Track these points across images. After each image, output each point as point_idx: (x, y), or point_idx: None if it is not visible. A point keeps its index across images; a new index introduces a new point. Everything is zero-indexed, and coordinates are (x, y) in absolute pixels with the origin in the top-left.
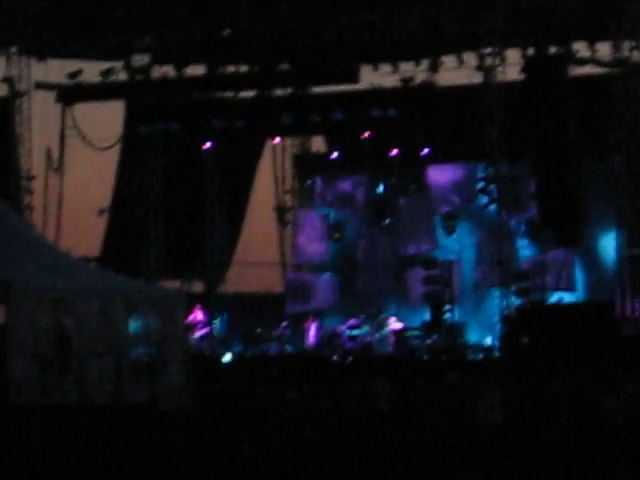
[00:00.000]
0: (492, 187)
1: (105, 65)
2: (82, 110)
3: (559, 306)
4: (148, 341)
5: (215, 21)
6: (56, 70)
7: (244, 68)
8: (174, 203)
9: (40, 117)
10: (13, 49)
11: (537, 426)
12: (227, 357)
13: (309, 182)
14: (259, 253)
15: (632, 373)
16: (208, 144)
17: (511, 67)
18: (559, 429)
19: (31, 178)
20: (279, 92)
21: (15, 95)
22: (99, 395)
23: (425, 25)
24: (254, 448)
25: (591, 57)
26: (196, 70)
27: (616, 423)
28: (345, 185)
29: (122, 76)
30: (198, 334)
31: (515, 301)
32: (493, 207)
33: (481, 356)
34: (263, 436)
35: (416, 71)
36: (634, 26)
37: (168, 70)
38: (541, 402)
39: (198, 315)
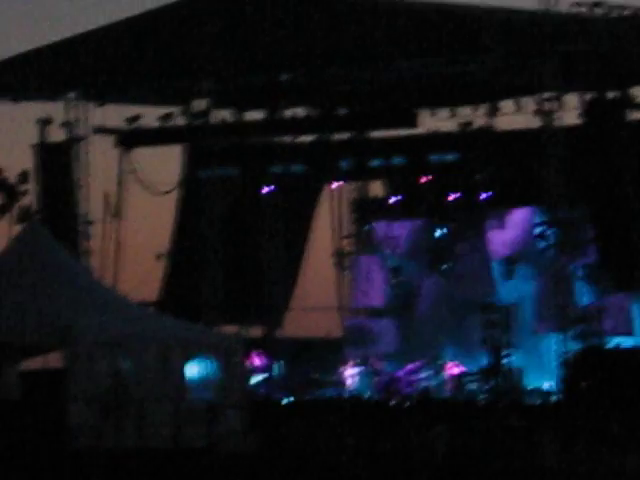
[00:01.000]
0: (551, 231)
1: (164, 110)
2: (141, 155)
3: (619, 350)
4: (206, 386)
5: (274, 65)
6: (115, 115)
7: (303, 112)
8: (233, 248)
9: (99, 162)
10: (72, 94)
11: (596, 470)
12: (286, 402)
13: (367, 227)
14: (317, 298)
15: None
16: (267, 189)
17: (569, 112)
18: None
19: (90, 223)
20: (338, 136)
21: (74, 140)
22: (157, 440)
23: (483, 69)
24: None
25: None
26: (255, 114)
27: None
28: (404, 230)
29: (181, 121)
30: (256, 379)
31: (573, 346)
32: (552, 252)
33: (540, 401)
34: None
35: (474, 116)
36: None
37: (227, 114)
38: (600, 446)
39: (256, 360)
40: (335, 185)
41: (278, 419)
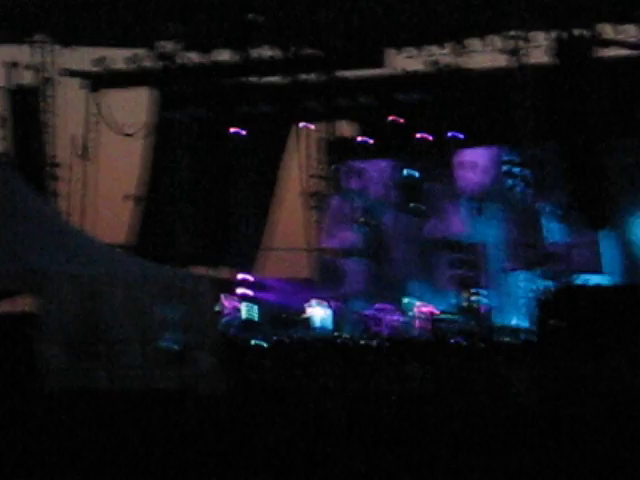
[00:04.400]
0: (519, 170)
1: (131, 52)
2: (108, 97)
3: (589, 288)
4: (176, 328)
5: (241, 6)
6: (82, 57)
7: (271, 53)
8: (202, 189)
9: (67, 105)
10: (38, 36)
11: (571, 408)
12: (255, 342)
13: (336, 167)
14: (287, 239)
15: None
16: (235, 129)
17: (537, 50)
18: (592, 411)
19: (57, 165)
20: (306, 77)
21: (42, 82)
22: (128, 382)
23: (450, 7)
24: (285, 433)
25: (617, 39)
26: (223, 55)
27: None
28: (373, 170)
29: (148, 62)
30: (225, 319)
31: (543, 284)
32: (521, 190)
33: (509, 339)
34: (294, 421)
35: (442, 55)
36: None
37: (195, 56)
38: (575, 384)
39: (225, 301)
40: (304, 125)
41: (248, 360)
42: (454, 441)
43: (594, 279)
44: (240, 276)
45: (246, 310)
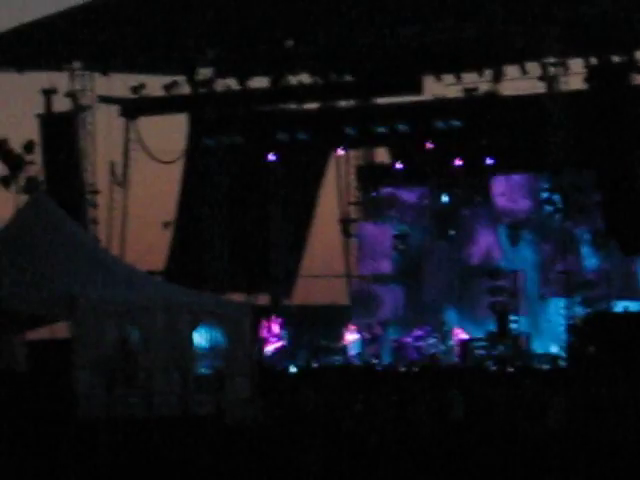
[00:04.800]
0: (556, 197)
1: (168, 79)
2: (146, 124)
3: (625, 315)
4: (214, 354)
5: (278, 33)
6: (119, 84)
7: (307, 80)
8: (239, 216)
9: (104, 131)
10: (76, 64)
11: (602, 433)
12: (293, 369)
13: (373, 194)
14: (324, 265)
15: None
16: (272, 156)
17: (574, 77)
18: (624, 436)
19: (95, 192)
20: (343, 104)
21: (79, 109)
22: (165, 409)
23: (487, 35)
24: (321, 459)
25: None
26: (259, 82)
27: None
28: (409, 196)
29: (185, 89)
30: (272, 347)
31: (580, 310)
32: (557, 217)
33: (548, 366)
34: (330, 448)
35: (479, 82)
36: None
37: (231, 83)
38: (606, 410)
39: (271, 328)
40: (340, 152)
41: (285, 387)
42: (489, 466)
43: (632, 306)
44: (274, 302)
45: (287, 336)
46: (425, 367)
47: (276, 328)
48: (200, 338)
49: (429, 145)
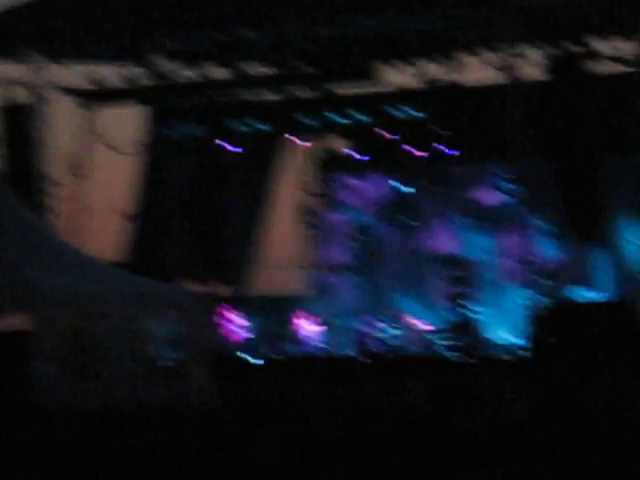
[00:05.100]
0: (516, 187)
1: (125, 69)
2: (102, 114)
3: (585, 305)
4: (173, 344)
5: (235, 22)
6: (79, 76)
7: (266, 70)
8: (198, 206)
9: (63, 123)
10: (35, 55)
11: (562, 424)
12: (252, 359)
13: (332, 184)
14: (280, 254)
15: None
16: (231, 147)
17: (530, 66)
18: (584, 428)
19: (54, 183)
20: (302, 93)
21: (38, 101)
22: (123, 399)
23: (443, 22)
24: (279, 450)
25: (611, 55)
26: (215, 72)
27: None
28: (368, 186)
29: (144, 80)
30: (232, 337)
31: (538, 300)
32: (516, 206)
33: (507, 356)
34: (285, 437)
35: (439, 72)
36: None
37: (188, 72)
38: (566, 400)
39: (233, 318)
40: (298, 142)
41: (245, 377)
42: (447, 456)
43: (589, 295)
44: (233, 292)
45: (245, 327)
46: (384, 357)
47: (236, 318)
48: (159, 328)
49: (389, 135)
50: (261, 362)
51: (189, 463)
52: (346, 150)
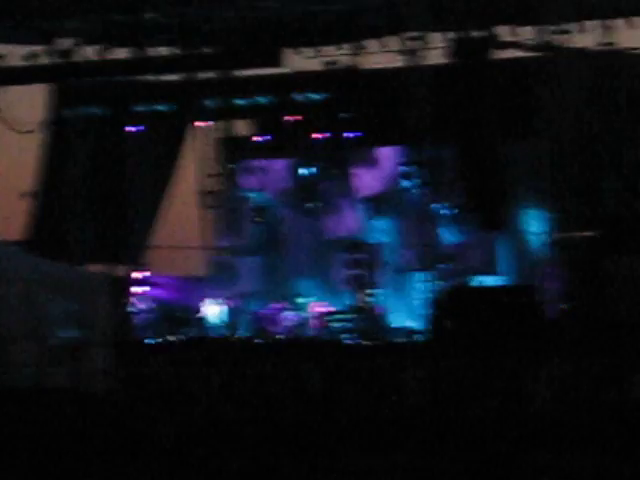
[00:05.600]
0: (415, 170)
1: (28, 49)
2: (5, 94)
3: (482, 289)
4: (71, 325)
5: (138, 3)
6: None
7: (168, 51)
8: (98, 187)
9: None
10: None
11: (460, 408)
12: (150, 341)
13: (233, 166)
14: (183, 237)
15: (554, 358)
16: (132, 127)
17: (434, 51)
18: (481, 411)
19: None
20: (203, 75)
21: None
22: (20, 380)
23: (348, 8)
24: (177, 432)
25: (514, 40)
26: (120, 53)
27: (537, 407)
28: (269, 169)
29: (45, 59)
30: (131, 318)
31: (438, 285)
32: (416, 191)
33: (404, 340)
34: (187, 421)
35: (340, 55)
36: (557, 9)
37: (92, 53)
38: (464, 384)
39: (134, 299)
40: (200, 124)
41: (143, 359)
42: (343, 441)
43: (488, 280)
44: (134, 274)
45: (144, 308)
46: (282, 340)
47: (136, 299)
48: (56, 309)
49: (289, 118)
50: (160, 343)
51: (86, 443)
52: (248, 132)
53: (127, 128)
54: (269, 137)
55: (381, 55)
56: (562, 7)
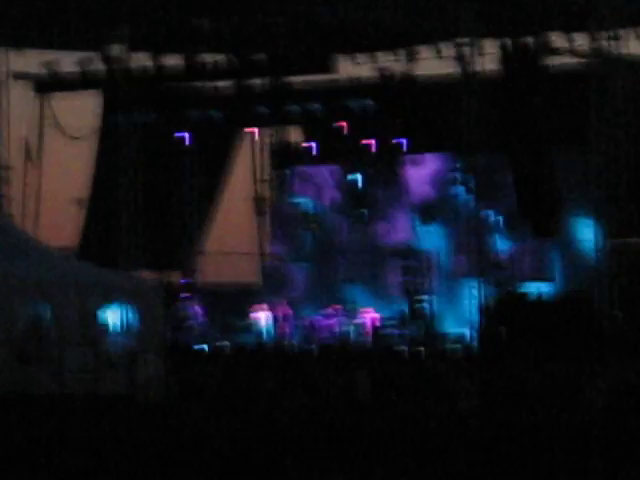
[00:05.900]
0: (465, 178)
1: (80, 55)
2: (57, 100)
3: (537, 297)
4: (125, 332)
5: (192, 10)
6: (31, 60)
7: (220, 58)
8: (150, 194)
9: (17, 108)
10: None
11: (512, 416)
12: (204, 348)
13: (285, 172)
14: (233, 244)
15: (610, 366)
16: (184, 134)
17: (486, 58)
18: (535, 419)
19: (8, 169)
20: (255, 82)
21: None
22: (76, 386)
23: (400, 14)
24: (229, 440)
25: (568, 48)
26: (171, 60)
27: (593, 415)
28: (322, 176)
29: (98, 66)
30: (186, 325)
31: (490, 292)
32: (468, 198)
33: (457, 347)
34: (240, 428)
35: (393, 62)
36: (611, 16)
37: (145, 60)
38: (517, 392)
39: (187, 306)
40: (253, 131)
41: (196, 366)
42: (396, 448)
43: (540, 287)
44: (184, 280)
45: (197, 315)
46: (334, 347)
47: (190, 306)
48: (111, 316)
49: (342, 125)
50: (213, 351)
51: (138, 450)
52: (300, 140)
53: (178, 134)
54: (320, 144)
55: (433, 62)
56: (615, 14)
